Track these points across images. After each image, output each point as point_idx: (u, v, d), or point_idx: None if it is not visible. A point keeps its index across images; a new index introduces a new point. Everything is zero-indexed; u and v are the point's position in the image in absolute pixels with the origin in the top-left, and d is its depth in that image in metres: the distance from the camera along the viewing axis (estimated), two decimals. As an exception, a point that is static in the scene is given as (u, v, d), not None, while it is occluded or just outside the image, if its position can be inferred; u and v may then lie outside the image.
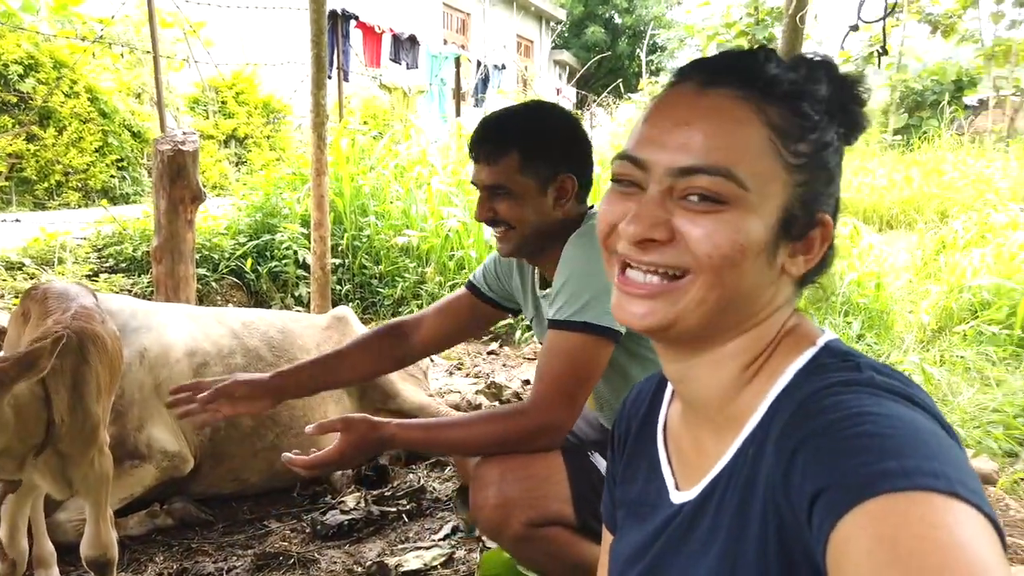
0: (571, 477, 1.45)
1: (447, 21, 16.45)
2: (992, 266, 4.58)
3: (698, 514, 0.70)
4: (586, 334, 1.37)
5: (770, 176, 0.64)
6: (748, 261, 0.64)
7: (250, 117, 9.17)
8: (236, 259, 4.84)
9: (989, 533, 0.47)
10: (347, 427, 1.42)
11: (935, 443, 0.53)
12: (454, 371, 3.84)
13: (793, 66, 0.67)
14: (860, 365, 0.64)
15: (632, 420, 0.89)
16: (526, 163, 1.49)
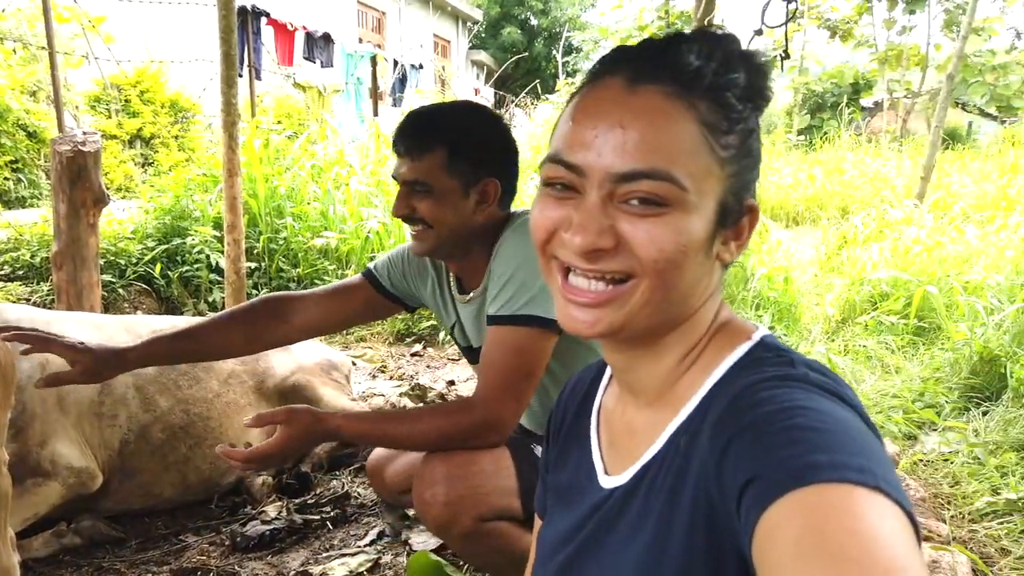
0: (518, 470, 1.45)
1: (362, 19, 16.21)
2: (889, 259, 4.84)
3: (628, 499, 0.71)
4: (531, 328, 1.37)
5: (706, 173, 0.64)
6: (690, 259, 0.65)
7: (156, 116, 8.79)
8: (144, 264, 4.64)
9: (908, 528, 0.50)
10: (289, 419, 1.39)
11: (862, 440, 0.55)
12: (377, 374, 3.79)
13: (709, 55, 0.65)
14: (794, 361, 0.66)
15: (569, 408, 0.90)
16: (451, 162, 1.45)
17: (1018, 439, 2.70)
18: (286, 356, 2.65)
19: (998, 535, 2.17)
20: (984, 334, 3.41)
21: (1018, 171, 9.23)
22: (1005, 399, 2.98)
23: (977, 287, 4.08)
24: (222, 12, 3.64)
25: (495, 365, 1.40)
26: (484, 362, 1.43)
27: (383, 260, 1.76)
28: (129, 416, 2.19)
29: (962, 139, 17.26)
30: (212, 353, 1.78)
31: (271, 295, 1.76)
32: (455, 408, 1.44)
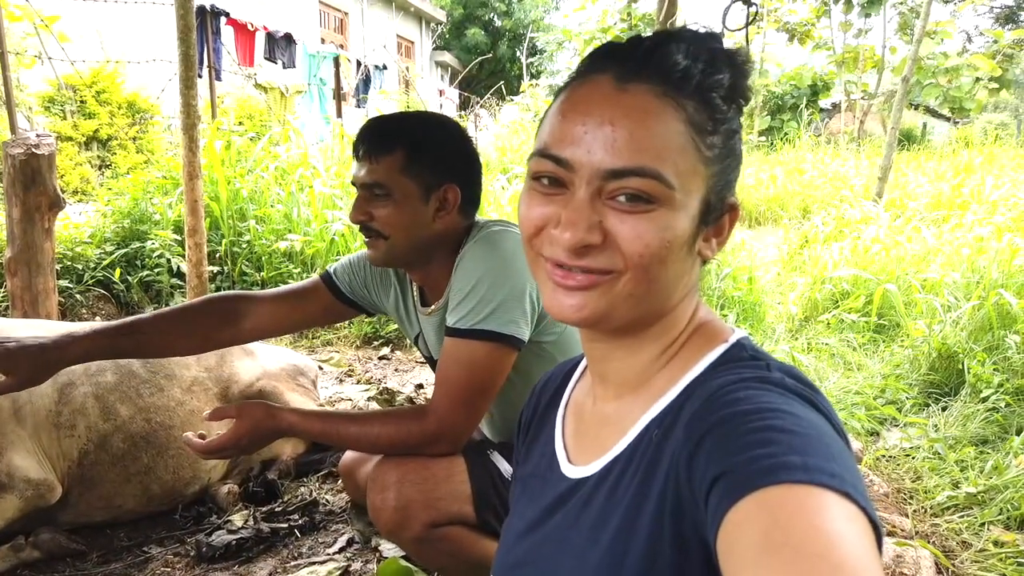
0: (472, 476, 1.44)
1: (324, 20, 16.05)
2: (850, 259, 4.93)
3: (596, 489, 0.72)
4: (490, 343, 1.36)
5: (692, 172, 0.66)
6: (673, 255, 0.67)
7: (113, 117, 8.59)
8: (103, 269, 4.53)
9: (870, 532, 0.51)
10: (241, 413, 1.40)
11: (835, 447, 0.56)
12: (344, 378, 3.75)
13: (696, 55, 0.66)
14: (770, 366, 0.67)
15: (540, 402, 0.91)
16: (410, 164, 1.42)
17: (977, 433, 2.77)
18: (251, 362, 2.61)
19: (959, 528, 2.22)
20: (942, 331, 3.49)
21: (972, 171, 9.49)
22: (963, 394, 3.06)
23: (935, 285, 4.18)
24: (180, 12, 3.57)
25: (450, 378, 1.38)
26: (440, 374, 1.41)
27: (343, 265, 1.71)
28: (88, 426, 2.14)
29: (917, 139, 17.70)
30: (156, 350, 1.69)
31: (223, 294, 1.70)
32: (408, 415, 1.43)
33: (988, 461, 2.54)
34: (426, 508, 1.40)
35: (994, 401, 2.92)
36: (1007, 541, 2.11)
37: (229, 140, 5.68)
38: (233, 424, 1.40)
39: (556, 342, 1.46)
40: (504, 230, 1.45)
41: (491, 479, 1.45)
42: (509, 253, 1.39)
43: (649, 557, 0.63)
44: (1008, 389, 3.01)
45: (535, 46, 23.24)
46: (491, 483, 1.45)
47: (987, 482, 2.41)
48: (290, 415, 1.42)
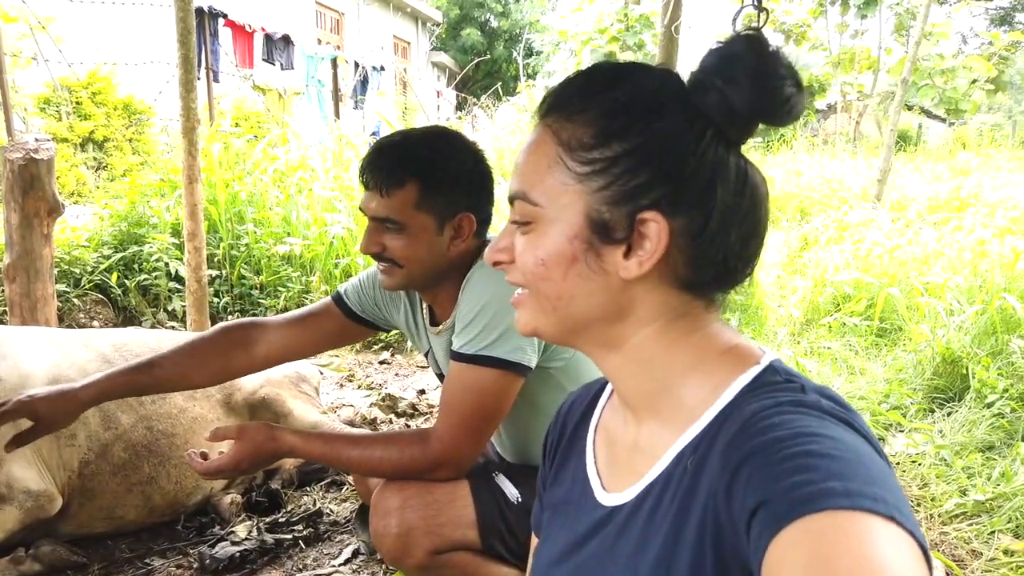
0: (476, 500, 1.41)
1: (320, 21, 16.01)
2: (851, 262, 4.92)
3: (632, 517, 0.70)
4: (496, 369, 1.33)
5: (560, 190, 0.69)
6: (556, 272, 0.70)
7: (109, 119, 8.55)
8: (100, 273, 4.50)
9: (919, 557, 0.50)
10: (242, 435, 1.39)
11: (876, 469, 0.55)
12: (345, 383, 3.73)
13: (578, 85, 0.71)
14: (805, 388, 0.66)
15: (567, 425, 0.90)
16: (424, 198, 1.37)
17: (983, 440, 2.76)
18: (253, 369, 2.58)
19: (968, 537, 2.20)
20: (945, 335, 3.48)
21: (969, 173, 9.50)
22: (968, 399, 3.05)
23: (937, 289, 4.17)
24: (180, 14, 3.54)
25: (454, 404, 1.36)
26: (444, 398, 1.39)
27: (353, 284, 1.68)
28: (89, 435, 2.11)
29: (913, 141, 17.73)
30: (173, 384, 1.73)
31: (233, 323, 1.69)
32: (411, 440, 1.40)
33: (995, 468, 2.52)
34: (428, 535, 1.37)
35: (999, 407, 2.91)
36: (1017, 550, 2.10)
37: (227, 143, 5.64)
38: (233, 445, 1.38)
39: (564, 368, 1.43)
40: None
41: (496, 503, 1.43)
42: None
43: None
44: (1013, 394, 2.99)
45: (532, 47, 23.23)
46: (496, 507, 1.42)
47: (995, 489, 2.39)
48: (291, 437, 1.40)
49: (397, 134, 1.46)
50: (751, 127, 0.69)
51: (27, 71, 7.97)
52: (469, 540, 1.41)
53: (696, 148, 0.66)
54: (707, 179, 0.67)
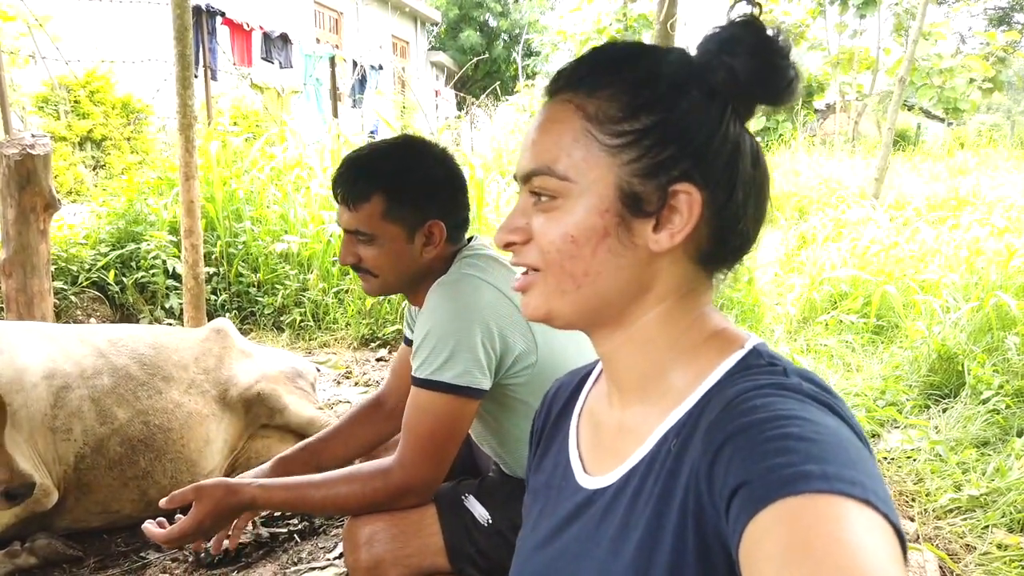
0: (443, 527, 1.40)
1: (319, 20, 16.01)
2: (848, 259, 4.93)
3: (615, 500, 0.71)
4: (446, 394, 1.32)
5: (590, 163, 0.68)
6: (586, 248, 0.68)
7: (107, 118, 8.55)
8: (97, 271, 4.50)
9: (894, 543, 0.50)
10: (199, 495, 1.34)
11: (855, 453, 0.55)
12: (342, 380, 3.73)
13: (647, 51, 0.70)
14: (787, 371, 0.66)
15: (553, 409, 0.90)
16: (391, 209, 1.40)
17: (978, 435, 2.76)
18: (250, 364, 2.58)
19: (962, 532, 2.21)
20: (941, 332, 3.49)
21: (967, 172, 9.51)
22: (963, 396, 3.05)
23: (933, 286, 4.18)
24: (176, 11, 3.54)
25: (412, 429, 1.36)
26: (404, 423, 1.38)
27: (405, 315, 1.76)
28: (85, 429, 2.11)
29: (911, 140, 17.75)
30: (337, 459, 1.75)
31: (365, 405, 1.77)
32: (372, 473, 1.39)
33: (990, 463, 2.53)
34: (396, 566, 1.37)
35: (995, 403, 2.92)
36: (1011, 544, 2.11)
37: (225, 141, 5.65)
38: (193, 506, 1.34)
39: (527, 385, 1.41)
40: (466, 275, 1.40)
41: (465, 527, 1.41)
42: (463, 300, 1.35)
43: (674, 568, 0.62)
44: (1008, 391, 3.00)
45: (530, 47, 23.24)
46: (465, 532, 1.41)
47: (989, 484, 2.40)
48: (252, 489, 1.37)
49: (364, 148, 1.48)
50: (754, 101, 0.70)
51: (25, 70, 7.97)
52: (439, 567, 1.40)
53: (719, 122, 0.68)
54: (730, 152, 0.69)
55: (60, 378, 2.12)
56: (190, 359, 2.44)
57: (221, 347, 2.55)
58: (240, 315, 4.70)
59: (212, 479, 1.38)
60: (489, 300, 1.35)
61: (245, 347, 2.65)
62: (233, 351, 2.57)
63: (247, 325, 4.64)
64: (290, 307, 4.69)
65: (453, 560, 1.40)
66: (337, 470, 1.43)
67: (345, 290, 4.73)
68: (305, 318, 4.58)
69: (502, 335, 1.34)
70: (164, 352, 2.39)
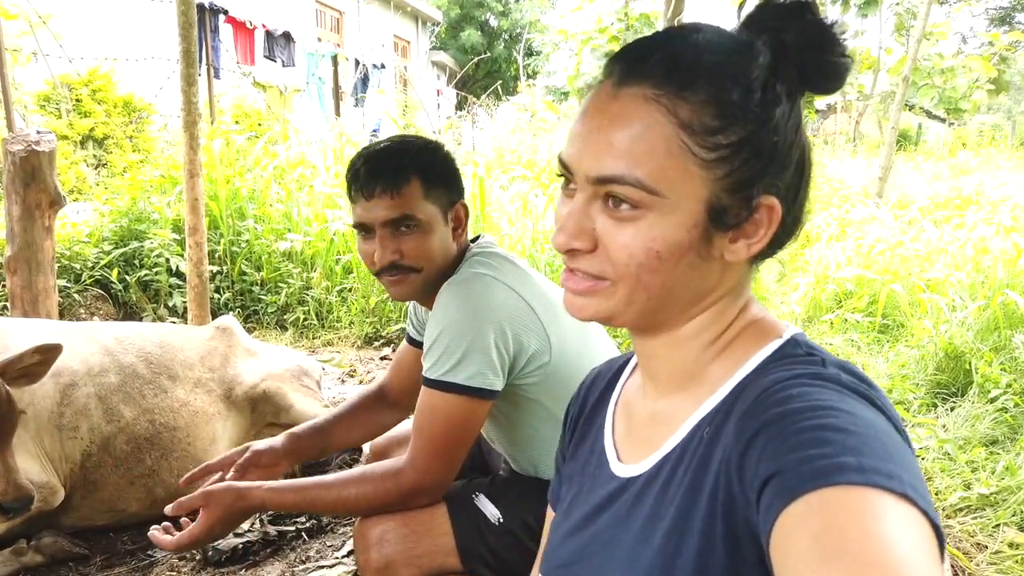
0: (454, 527, 1.39)
1: (320, 19, 15.99)
2: (853, 258, 4.92)
3: (647, 487, 0.70)
4: (459, 395, 1.31)
5: (684, 176, 0.63)
6: (668, 263, 0.65)
7: (109, 116, 8.53)
8: (101, 268, 4.49)
9: (931, 539, 0.49)
10: (208, 501, 1.33)
11: (892, 446, 0.54)
12: (346, 379, 3.72)
13: (729, 40, 0.64)
14: (825, 361, 0.65)
15: (589, 399, 0.89)
16: (428, 190, 1.39)
17: (986, 434, 2.75)
18: (255, 363, 2.57)
19: (973, 531, 2.20)
20: (948, 331, 3.47)
21: (969, 172, 9.49)
22: (971, 394, 3.04)
23: (939, 285, 4.17)
24: (181, 8, 3.53)
25: (424, 429, 1.34)
26: (414, 423, 1.37)
27: (408, 317, 1.75)
28: (91, 427, 2.10)
29: (912, 140, 17.74)
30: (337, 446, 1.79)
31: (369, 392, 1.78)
32: (383, 474, 1.37)
33: (999, 462, 2.52)
34: (407, 566, 1.36)
35: (1003, 401, 2.91)
36: (1022, 543, 2.09)
37: (228, 139, 5.64)
38: (202, 513, 1.33)
39: (540, 385, 1.40)
40: (477, 274, 1.38)
41: (476, 527, 1.40)
42: (476, 300, 1.33)
43: (702, 556, 0.61)
44: (1016, 389, 2.99)
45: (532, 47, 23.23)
46: (476, 531, 1.40)
47: (999, 483, 2.39)
48: (262, 492, 1.36)
49: (371, 146, 1.46)
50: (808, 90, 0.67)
51: (27, 68, 7.95)
52: (449, 566, 1.39)
53: (796, 131, 0.66)
54: (799, 157, 0.67)
55: (67, 376, 2.11)
56: (196, 358, 2.43)
57: (227, 345, 2.54)
58: (243, 313, 4.69)
59: (221, 484, 1.36)
60: (502, 300, 1.34)
61: (250, 345, 2.65)
62: (239, 349, 2.56)
63: (250, 323, 4.63)
64: (293, 305, 4.67)
65: (464, 560, 1.39)
66: (347, 471, 1.42)
67: (348, 288, 4.71)
68: (308, 316, 4.57)
69: (516, 336, 1.33)
70: (170, 350, 2.38)
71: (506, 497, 1.44)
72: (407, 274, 1.41)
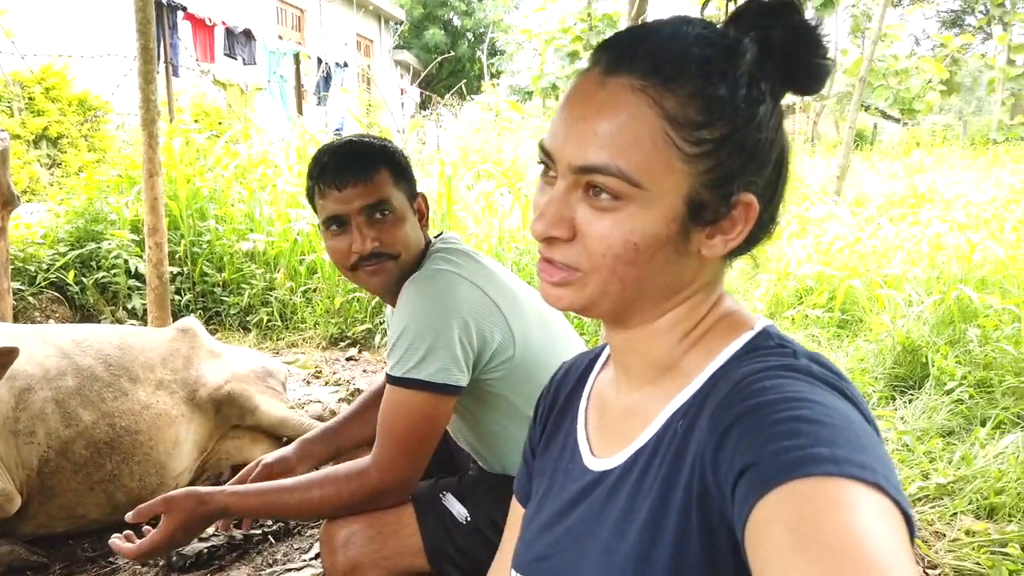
0: (422, 527, 1.38)
1: (281, 17, 15.79)
2: (813, 255, 5.01)
3: (621, 481, 0.70)
4: (424, 392, 1.30)
5: (666, 170, 0.63)
6: (645, 256, 0.65)
7: (63, 115, 8.32)
8: (56, 270, 4.38)
9: (903, 528, 0.50)
10: (169, 507, 1.30)
11: (864, 436, 0.55)
12: (312, 380, 3.68)
13: (718, 35, 0.64)
14: (797, 353, 0.66)
15: (561, 391, 0.89)
16: (396, 179, 1.42)
17: (943, 425, 2.82)
18: (219, 364, 2.53)
19: (931, 519, 2.25)
20: (905, 325, 3.56)
21: (923, 171, 9.74)
22: (928, 387, 3.12)
23: (896, 281, 4.27)
24: (139, 4, 3.46)
25: (388, 428, 1.33)
26: (379, 423, 1.36)
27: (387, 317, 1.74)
28: (48, 432, 2.05)
29: (868, 140, 18.13)
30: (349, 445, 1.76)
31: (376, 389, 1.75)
32: (348, 474, 1.36)
33: (956, 452, 2.59)
34: (374, 568, 1.34)
35: (958, 393, 2.99)
36: (978, 530, 2.15)
37: (188, 138, 5.54)
38: (163, 519, 1.30)
39: (504, 379, 1.40)
40: (440, 270, 1.38)
41: (443, 526, 1.39)
42: (439, 296, 1.34)
43: (678, 549, 0.62)
44: (971, 381, 3.07)
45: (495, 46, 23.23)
46: (443, 531, 1.39)
47: (956, 473, 2.45)
48: (224, 497, 1.33)
49: (332, 142, 1.47)
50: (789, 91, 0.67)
51: (-24, 65, 7.72)
52: (418, 567, 1.38)
53: (777, 129, 0.67)
54: (778, 156, 0.68)
55: (22, 380, 2.05)
56: (157, 359, 2.38)
57: (189, 347, 2.49)
58: (205, 315, 4.61)
59: (182, 489, 1.34)
60: (465, 295, 1.34)
61: (214, 347, 2.60)
62: (201, 351, 2.52)
63: (212, 325, 4.55)
64: (256, 307, 4.61)
65: (432, 560, 1.38)
66: (310, 473, 1.40)
67: (313, 289, 4.67)
68: (272, 317, 4.52)
69: (479, 331, 1.33)
70: (130, 353, 2.33)
71: (474, 496, 1.43)
72: (385, 262, 1.40)
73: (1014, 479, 2.33)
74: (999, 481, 2.35)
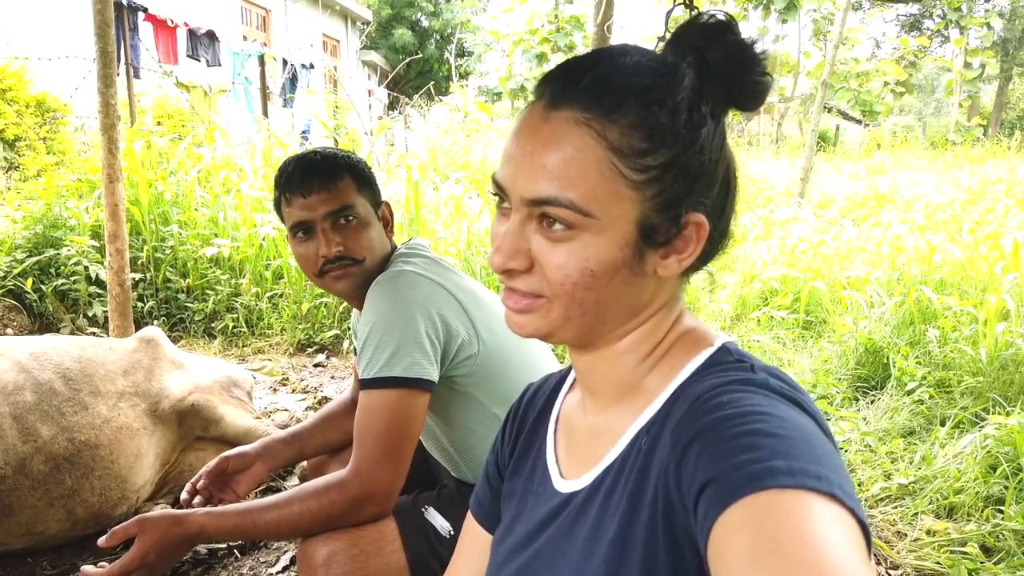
0: (405, 542, 1.36)
1: (246, 17, 15.59)
2: (778, 257, 5.08)
3: (589, 501, 0.71)
4: (398, 389, 1.30)
5: (615, 197, 0.65)
6: (602, 281, 0.67)
7: (21, 117, 8.12)
8: (14, 278, 4.27)
9: (859, 537, 0.51)
10: (143, 528, 1.26)
11: (820, 448, 0.56)
12: (279, 387, 3.63)
13: (656, 63, 0.66)
14: (754, 367, 0.67)
15: (528, 414, 0.90)
16: (360, 185, 1.47)
17: (904, 425, 2.88)
18: (182, 375, 2.49)
19: (893, 519, 2.30)
20: (867, 327, 3.62)
21: (884, 172, 9.92)
22: (890, 387, 3.18)
23: (859, 282, 4.34)
24: (97, 6, 3.38)
25: (366, 433, 1.32)
26: (356, 430, 1.34)
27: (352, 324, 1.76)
28: (5, 449, 1.99)
29: (831, 141, 18.45)
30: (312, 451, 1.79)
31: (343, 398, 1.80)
32: (327, 486, 1.33)
33: (917, 452, 2.64)
34: None
35: (919, 394, 3.05)
36: (939, 530, 2.20)
37: (149, 141, 5.44)
38: (136, 541, 1.26)
39: (471, 377, 1.41)
40: (402, 271, 1.41)
41: (427, 541, 1.38)
42: (402, 293, 1.36)
43: (646, 565, 0.62)
44: (931, 381, 3.14)
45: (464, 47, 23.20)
46: (427, 546, 1.38)
47: (917, 473, 2.50)
48: (200, 517, 1.30)
49: (298, 154, 1.53)
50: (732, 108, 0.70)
51: (-72, 66, 7.50)
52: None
53: (721, 148, 0.68)
54: (724, 173, 0.70)
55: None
56: (118, 372, 2.33)
57: (151, 358, 2.44)
58: (169, 322, 4.53)
59: (156, 511, 1.30)
60: (427, 291, 1.37)
61: (176, 357, 2.56)
62: (164, 362, 2.47)
63: (176, 332, 4.48)
64: (222, 313, 4.54)
65: (416, 574, 1.36)
66: (289, 491, 1.37)
67: (280, 294, 4.61)
68: (238, 324, 4.45)
69: (444, 323, 1.36)
70: (91, 365, 2.28)
71: (454, 508, 1.42)
72: (350, 266, 1.45)
73: (972, 479, 2.39)
74: (958, 481, 2.40)
